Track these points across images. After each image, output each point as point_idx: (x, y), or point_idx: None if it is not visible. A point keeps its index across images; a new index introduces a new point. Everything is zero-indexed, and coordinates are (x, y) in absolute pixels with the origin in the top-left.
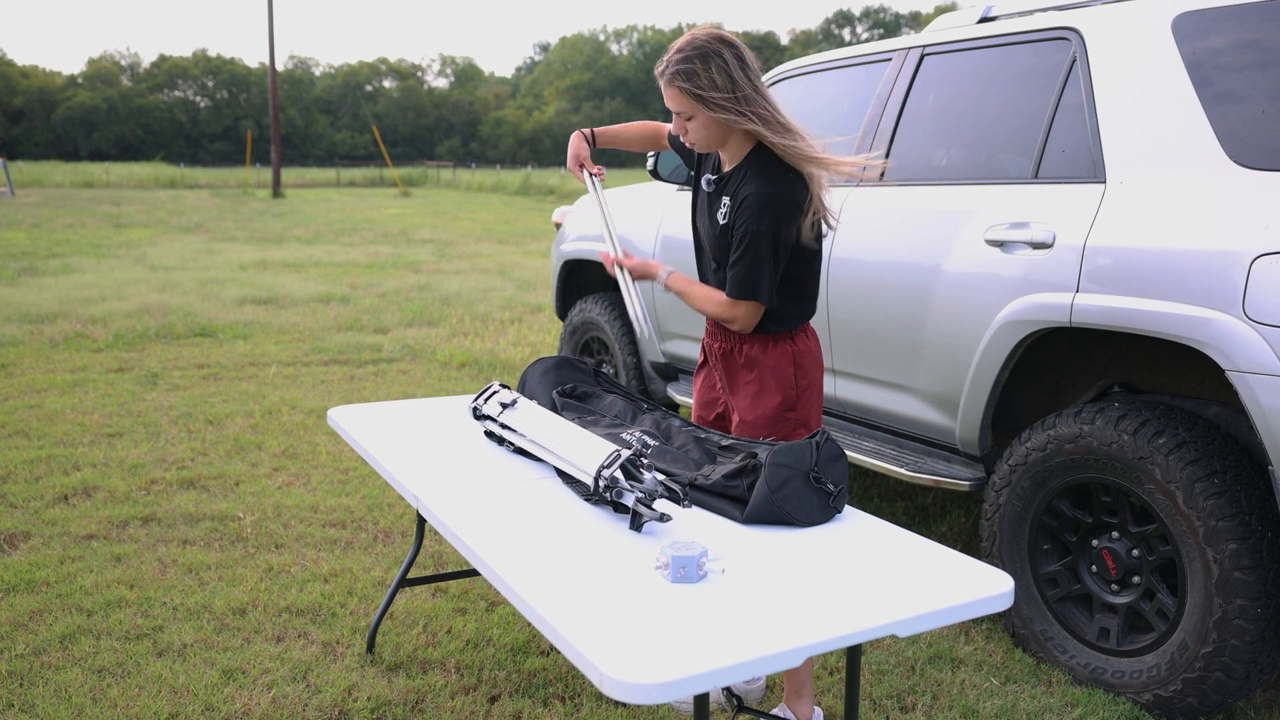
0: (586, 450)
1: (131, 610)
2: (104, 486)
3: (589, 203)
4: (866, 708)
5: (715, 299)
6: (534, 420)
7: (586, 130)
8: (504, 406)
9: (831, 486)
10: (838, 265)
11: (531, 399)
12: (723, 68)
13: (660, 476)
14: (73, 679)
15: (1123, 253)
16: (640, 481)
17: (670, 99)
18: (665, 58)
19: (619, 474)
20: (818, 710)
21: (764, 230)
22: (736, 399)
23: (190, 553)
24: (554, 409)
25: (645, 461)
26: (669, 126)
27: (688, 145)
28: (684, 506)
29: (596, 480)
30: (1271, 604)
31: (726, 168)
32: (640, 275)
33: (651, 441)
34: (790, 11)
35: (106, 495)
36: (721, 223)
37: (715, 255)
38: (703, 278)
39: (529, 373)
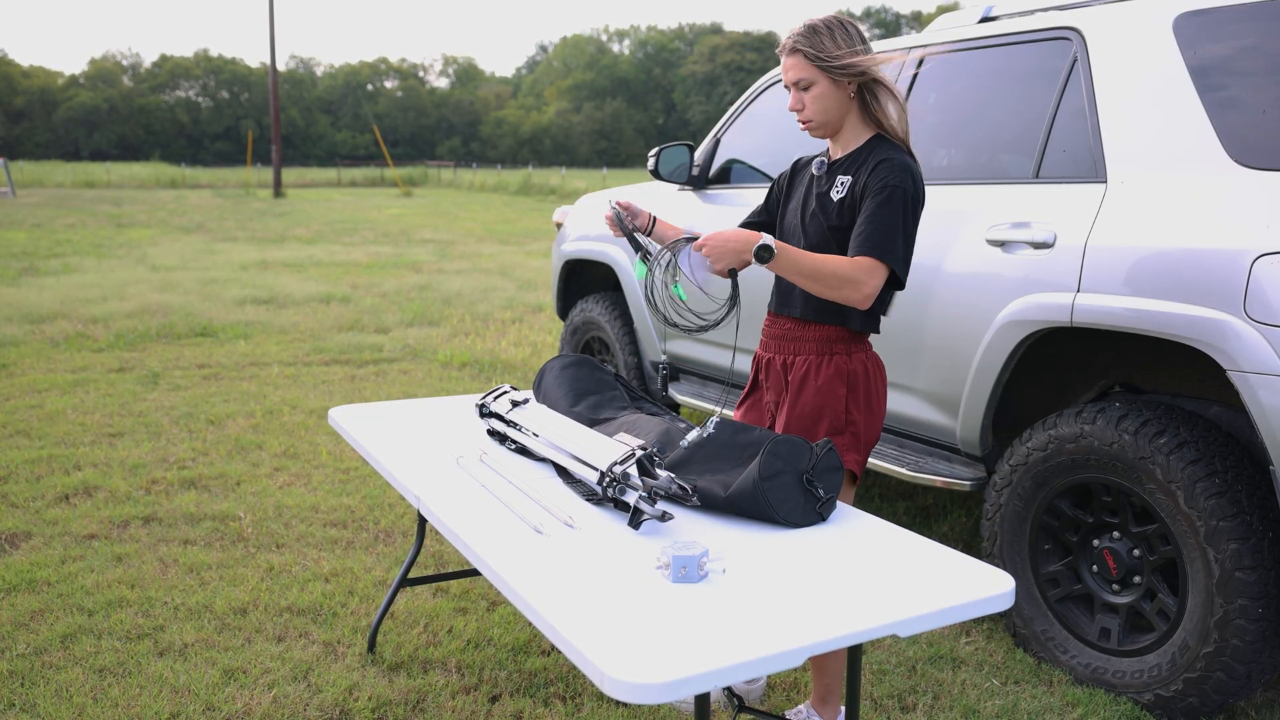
0: (598, 447)
1: (132, 610)
2: (105, 486)
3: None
4: (867, 708)
5: (842, 262)
6: (544, 418)
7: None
8: (514, 405)
9: (822, 492)
10: None
11: (548, 397)
12: (845, 36)
13: (673, 475)
14: (74, 679)
15: (1124, 252)
16: (655, 479)
17: (790, 69)
18: (786, 35)
19: (633, 469)
20: (843, 710)
21: (905, 187)
22: (778, 416)
23: (191, 552)
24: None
25: (659, 460)
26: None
27: (801, 122)
28: (690, 504)
29: (607, 473)
30: (1272, 604)
31: (838, 154)
32: (722, 253)
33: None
34: (790, 11)
35: (107, 495)
36: (837, 197)
37: (821, 236)
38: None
39: (546, 368)
